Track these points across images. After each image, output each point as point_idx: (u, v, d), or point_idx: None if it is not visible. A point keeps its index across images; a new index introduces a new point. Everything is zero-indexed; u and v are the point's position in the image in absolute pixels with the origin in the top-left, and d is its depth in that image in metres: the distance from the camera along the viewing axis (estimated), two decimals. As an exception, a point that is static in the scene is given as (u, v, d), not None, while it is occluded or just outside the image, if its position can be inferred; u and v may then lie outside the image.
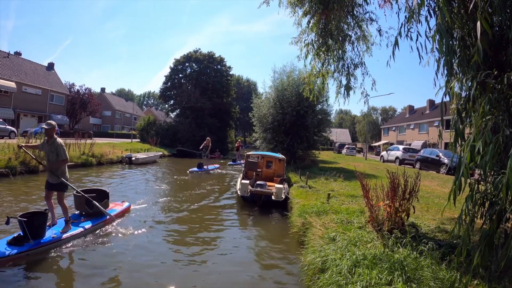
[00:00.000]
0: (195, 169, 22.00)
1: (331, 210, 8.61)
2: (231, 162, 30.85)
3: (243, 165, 27.02)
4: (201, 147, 23.76)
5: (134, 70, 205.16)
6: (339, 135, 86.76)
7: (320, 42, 8.43)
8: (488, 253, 3.00)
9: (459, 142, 3.11)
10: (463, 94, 3.21)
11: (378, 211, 6.91)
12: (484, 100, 2.72)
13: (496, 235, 3.09)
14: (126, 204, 10.05)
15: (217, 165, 25.46)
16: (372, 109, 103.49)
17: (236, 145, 35.43)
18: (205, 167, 22.61)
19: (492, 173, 3.12)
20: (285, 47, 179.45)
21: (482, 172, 3.10)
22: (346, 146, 58.87)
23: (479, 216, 3.46)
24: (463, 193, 3.14)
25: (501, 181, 2.59)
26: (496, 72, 2.88)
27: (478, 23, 2.63)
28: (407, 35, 4.14)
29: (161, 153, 33.04)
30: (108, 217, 8.39)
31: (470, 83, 2.87)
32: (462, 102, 3.21)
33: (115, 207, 9.45)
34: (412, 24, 4.08)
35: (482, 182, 3.35)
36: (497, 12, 2.97)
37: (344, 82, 9.06)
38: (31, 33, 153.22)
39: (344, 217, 7.85)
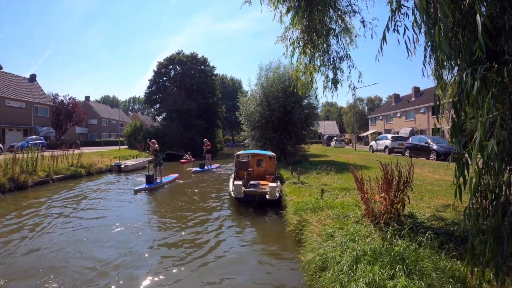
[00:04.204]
0: (143, 185, 16.16)
1: (326, 206, 8.59)
2: (196, 169, 24.42)
3: (212, 169, 25.23)
4: (151, 154, 18.19)
5: (118, 76, 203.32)
6: (327, 127, 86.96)
7: (305, 38, 8.38)
8: (496, 246, 3.01)
9: (457, 135, 3.11)
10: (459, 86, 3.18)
11: (374, 204, 6.89)
12: (488, 96, 2.69)
13: (502, 228, 3.09)
14: None
15: (174, 175, 20.17)
16: (358, 99, 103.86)
17: (204, 147, 26.40)
18: (157, 179, 17.30)
19: (497, 165, 3.10)
20: (266, 43, 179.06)
21: (485, 166, 3.08)
22: (335, 138, 58.88)
23: (483, 209, 3.45)
24: (466, 187, 3.13)
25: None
26: (496, 66, 2.86)
27: (478, 16, 2.60)
28: (394, 29, 4.13)
29: (150, 158, 32.63)
30: None
31: (471, 78, 2.82)
32: (456, 94, 3.19)
33: None
34: (399, 17, 4.07)
35: (485, 175, 3.33)
36: (490, 2, 2.94)
37: (331, 76, 9.03)
38: (10, 46, 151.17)
39: (340, 211, 7.83)
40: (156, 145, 17.84)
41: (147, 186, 16.00)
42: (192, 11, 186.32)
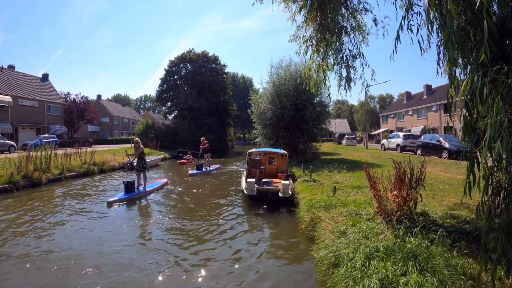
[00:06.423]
0: (120, 195, 12.76)
1: (338, 203, 8.63)
2: (193, 171, 21.54)
3: (212, 171, 22.95)
4: (132, 155, 15.09)
5: (129, 74, 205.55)
6: (338, 125, 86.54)
7: (318, 37, 8.41)
8: (507, 243, 3.04)
9: (469, 134, 3.15)
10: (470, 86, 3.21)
11: (386, 202, 6.92)
12: (497, 98, 2.73)
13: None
14: None
15: (163, 181, 16.90)
16: (370, 97, 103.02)
17: (201, 146, 23.04)
18: (140, 187, 13.95)
19: (505, 163, 3.13)
20: (277, 41, 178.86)
21: (495, 164, 3.12)
22: (346, 136, 58.70)
23: (495, 206, 3.48)
24: (475, 183, 3.17)
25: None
26: (506, 68, 2.89)
27: (485, 22, 2.64)
28: (408, 28, 4.17)
29: (162, 156, 33.02)
30: None
31: (481, 80, 2.86)
32: (467, 93, 3.22)
33: None
34: (412, 16, 4.11)
35: (495, 173, 3.36)
36: (501, 4, 2.96)
37: (344, 74, 9.07)
38: (22, 47, 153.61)
39: (352, 209, 7.86)
40: (142, 146, 14.35)
41: (125, 196, 12.68)
42: (201, 11, 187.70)
